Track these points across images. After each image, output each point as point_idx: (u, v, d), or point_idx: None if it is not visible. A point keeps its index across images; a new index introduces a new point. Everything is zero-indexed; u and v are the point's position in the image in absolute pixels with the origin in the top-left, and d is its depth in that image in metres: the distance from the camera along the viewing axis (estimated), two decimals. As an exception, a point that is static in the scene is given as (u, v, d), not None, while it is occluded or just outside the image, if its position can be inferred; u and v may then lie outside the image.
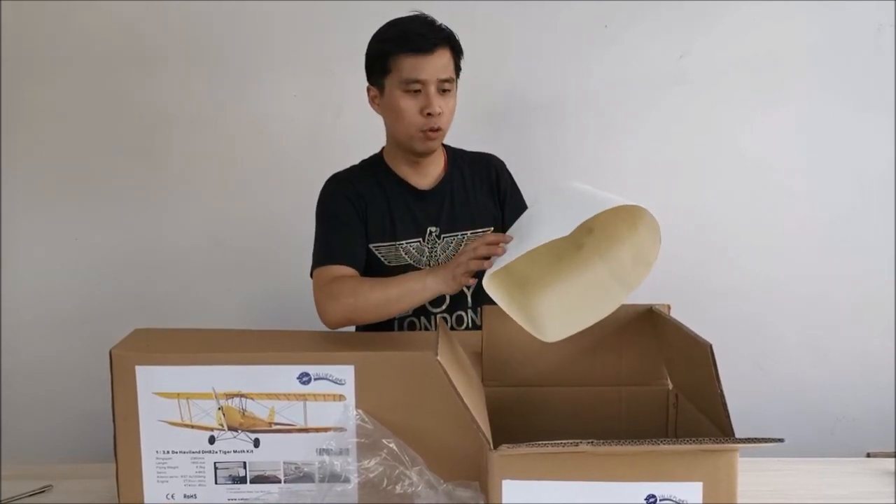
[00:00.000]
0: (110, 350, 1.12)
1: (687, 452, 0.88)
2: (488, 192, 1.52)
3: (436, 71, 1.35)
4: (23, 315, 2.02)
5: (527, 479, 0.90)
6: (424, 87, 1.35)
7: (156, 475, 1.14)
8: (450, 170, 1.51)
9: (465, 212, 1.49)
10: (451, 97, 1.40)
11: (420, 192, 1.48)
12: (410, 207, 1.46)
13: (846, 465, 1.32)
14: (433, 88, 1.35)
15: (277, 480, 1.14)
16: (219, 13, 1.91)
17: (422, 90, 1.35)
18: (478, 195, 1.51)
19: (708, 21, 1.91)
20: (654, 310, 1.17)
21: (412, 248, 1.45)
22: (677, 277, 1.97)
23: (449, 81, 1.37)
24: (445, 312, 1.47)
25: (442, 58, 1.36)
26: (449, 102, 1.39)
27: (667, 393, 1.20)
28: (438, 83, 1.36)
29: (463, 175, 1.52)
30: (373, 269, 1.45)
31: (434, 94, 1.35)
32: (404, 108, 1.37)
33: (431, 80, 1.35)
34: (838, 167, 1.95)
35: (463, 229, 1.48)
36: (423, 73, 1.34)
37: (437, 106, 1.35)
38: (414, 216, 1.46)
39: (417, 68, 1.34)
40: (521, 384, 1.19)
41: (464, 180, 1.51)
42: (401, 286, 1.27)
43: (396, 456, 1.08)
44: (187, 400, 1.12)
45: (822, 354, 2.00)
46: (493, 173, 1.54)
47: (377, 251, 1.44)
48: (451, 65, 1.39)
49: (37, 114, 1.95)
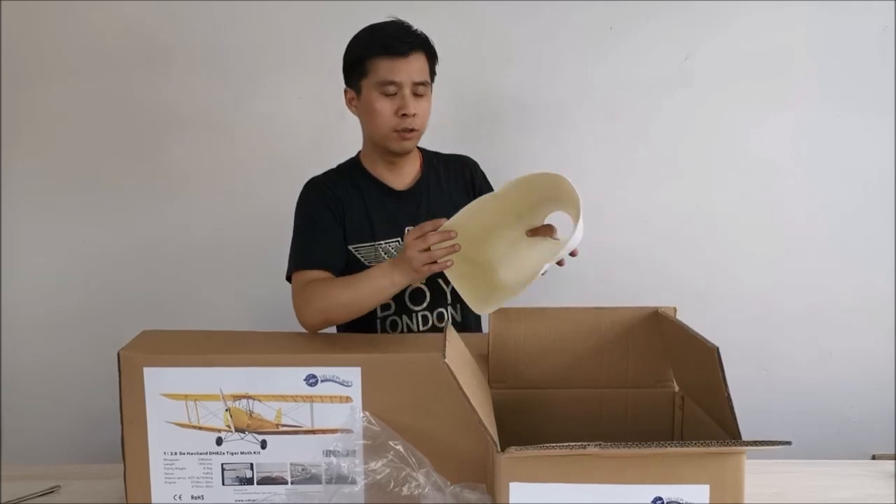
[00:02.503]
0: (118, 351, 1.12)
1: (694, 455, 0.88)
2: (464, 191, 1.55)
3: (410, 74, 1.39)
4: (27, 315, 2.03)
5: (534, 481, 0.90)
6: (400, 89, 1.39)
7: (163, 476, 1.14)
8: (426, 170, 1.54)
9: (442, 210, 1.49)
10: (426, 100, 1.44)
11: (397, 192, 1.51)
12: (388, 208, 1.49)
13: (851, 467, 1.32)
14: (408, 91, 1.40)
15: (284, 482, 1.15)
16: (224, 15, 1.92)
17: (397, 92, 1.40)
18: (454, 193, 1.54)
19: (712, 23, 1.91)
20: (660, 312, 1.17)
21: (391, 248, 1.47)
22: (683, 279, 1.98)
23: (423, 85, 1.42)
24: (426, 310, 1.49)
25: (417, 61, 1.40)
26: (423, 105, 1.43)
27: (673, 395, 1.20)
28: (413, 86, 1.40)
29: (439, 175, 1.55)
30: (354, 270, 1.47)
31: (409, 97, 1.40)
32: (380, 109, 1.41)
33: (406, 83, 1.39)
34: (843, 170, 1.95)
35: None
36: (399, 76, 1.38)
37: (411, 107, 1.39)
38: (392, 216, 1.49)
39: (393, 71, 1.38)
40: (527, 386, 1.19)
41: (440, 180, 1.55)
42: (370, 284, 1.29)
43: (403, 458, 1.08)
44: (195, 401, 1.12)
45: (826, 357, 2.00)
46: (468, 172, 1.58)
47: (357, 252, 1.46)
48: (426, 69, 1.43)
49: (40, 114, 1.96)
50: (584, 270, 2.00)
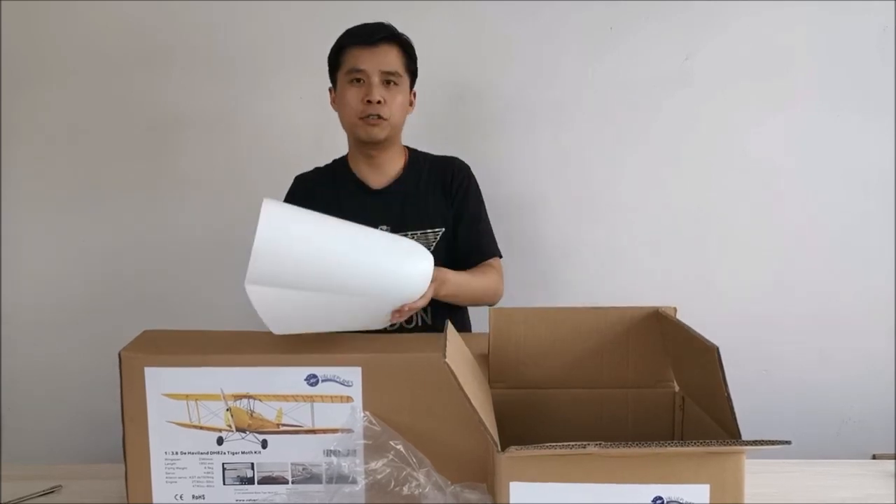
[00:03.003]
0: (119, 352, 1.12)
1: (694, 454, 0.89)
2: (441, 193, 1.56)
3: (378, 63, 1.44)
4: (27, 315, 2.03)
5: (534, 481, 0.90)
6: (367, 77, 1.44)
7: (164, 476, 1.14)
8: (407, 171, 1.56)
9: (414, 212, 1.53)
10: (398, 92, 1.47)
11: (373, 190, 1.54)
12: (362, 205, 1.52)
13: (851, 466, 1.33)
14: (376, 79, 1.44)
15: (285, 481, 1.15)
16: (225, 15, 1.92)
17: (364, 80, 1.44)
18: (429, 196, 1.55)
19: (713, 23, 1.91)
20: (661, 312, 1.17)
21: None
22: (683, 279, 1.98)
23: (394, 75, 1.45)
24: None
25: (386, 53, 1.45)
26: (395, 96, 1.46)
27: (673, 395, 1.20)
28: (382, 74, 1.44)
29: (420, 176, 1.56)
30: None
31: (376, 85, 1.44)
32: (348, 97, 1.46)
33: (373, 71, 1.44)
34: (843, 169, 1.95)
35: (413, 229, 1.52)
36: (365, 63, 1.43)
37: (376, 94, 1.43)
38: (365, 214, 1.48)
39: (360, 58, 1.44)
40: (527, 386, 1.20)
41: (419, 181, 1.56)
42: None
43: (404, 457, 1.08)
44: (196, 401, 1.13)
45: (827, 357, 2.00)
46: (448, 174, 1.59)
47: None
48: (399, 62, 1.47)
49: (41, 114, 1.97)
50: (584, 270, 2.01)
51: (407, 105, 1.53)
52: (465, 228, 1.55)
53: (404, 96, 1.49)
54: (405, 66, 1.49)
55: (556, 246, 2.00)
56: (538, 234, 2.00)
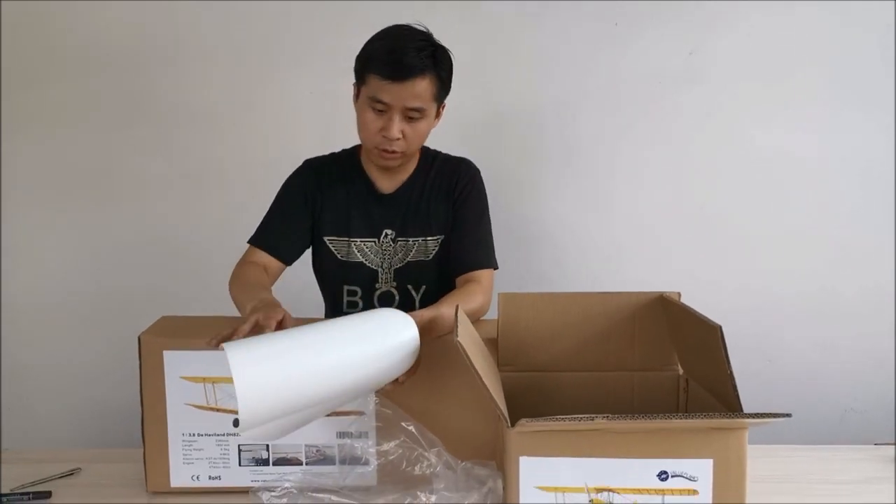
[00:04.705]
0: (139, 335, 1.16)
1: (698, 429, 0.91)
2: (444, 198, 1.50)
3: (403, 99, 1.33)
4: (33, 312, 2.06)
5: (543, 455, 0.93)
6: (388, 110, 1.35)
7: (182, 457, 1.18)
8: (415, 175, 1.51)
9: (417, 219, 1.49)
10: (422, 122, 1.38)
11: (380, 195, 1.49)
12: (368, 209, 1.49)
13: (853, 452, 1.35)
14: (397, 115, 1.35)
15: (299, 463, 1.18)
16: (234, 11, 1.93)
17: (386, 112, 1.35)
18: (432, 202, 1.50)
19: (718, 18, 1.93)
20: (666, 297, 1.20)
21: (365, 248, 1.49)
22: (687, 271, 2.00)
23: (419, 110, 1.36)
24: None
25: (415, 86, 1.33)
26: (417, 127, 1.38)
27: (677, 378, 1.22)
28: (405, 110, 1.35)
29: (426, 181, 1.51)
30: (326, 260, 1.50)
31: (396, 120, 1.35)
32: (367, 122, 1.37)
33: (397, 107, 1.34)
34: (847, 165, 1.96)
35: (414, 236, 1.49)
36: (388, 97, 1.33)
37: (394, 131, 1.35)
38: (371, 218, 1.49)
39: (385, 91, 1.33)
40: (535, 369, 1.22)
41: (425, 185, 1.50)
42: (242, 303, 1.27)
43: (415, 439, 1.11)
44: (213, 384, 1.16)
45: (830, 347, 2.02)
46: (453, 178, 1.51)
47: (331, 244, 1.49)
48: (428, 93, 1.36)
49: (41, 114, 1.98)
50: (590, 265, 2.03)
51: (430, 127, 1.44)
52: (458, 237, 1.49)
53: (428, 122, 1.41)
54: (434, 95, 1.38)
55: (562, 239, 2.02)
56: (544, 228, 2.02)
